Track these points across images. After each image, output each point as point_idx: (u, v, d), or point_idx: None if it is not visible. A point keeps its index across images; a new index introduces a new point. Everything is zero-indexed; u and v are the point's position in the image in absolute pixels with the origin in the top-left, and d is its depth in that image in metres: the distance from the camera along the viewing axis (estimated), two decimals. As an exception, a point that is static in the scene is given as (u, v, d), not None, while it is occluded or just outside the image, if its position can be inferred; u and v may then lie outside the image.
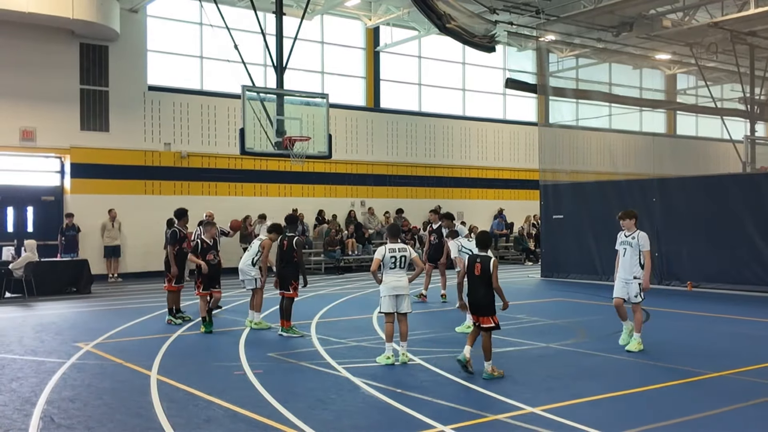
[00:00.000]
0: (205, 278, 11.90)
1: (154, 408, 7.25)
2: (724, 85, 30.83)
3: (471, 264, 8.53)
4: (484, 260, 8.47)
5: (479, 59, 28.06)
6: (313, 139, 16.00)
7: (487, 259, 8.47)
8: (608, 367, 9.09)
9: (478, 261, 8.50)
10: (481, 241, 8.78)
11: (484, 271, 8.41)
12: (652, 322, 12.84)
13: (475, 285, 8.51)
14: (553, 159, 22.17)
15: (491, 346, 8.48)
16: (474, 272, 8.48)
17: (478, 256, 8.56)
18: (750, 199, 17.12)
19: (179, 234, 13.24)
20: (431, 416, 6.79)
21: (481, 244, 8.75)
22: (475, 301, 8.52)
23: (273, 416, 6.89)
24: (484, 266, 8.43)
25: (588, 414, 6.92)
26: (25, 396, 7.79)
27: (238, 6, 22.65)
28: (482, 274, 8.41)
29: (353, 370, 8.84)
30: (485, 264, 8.43)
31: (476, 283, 8.49)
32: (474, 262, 8.52)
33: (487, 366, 8.35)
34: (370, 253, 24.69)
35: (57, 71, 20.49)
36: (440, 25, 18.04)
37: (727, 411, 7.10)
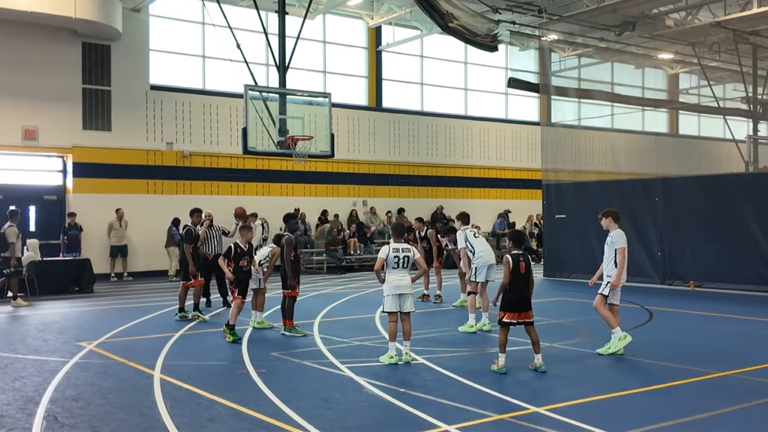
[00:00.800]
0: (240, 285, 11.30)
1: (157, 407, 7.24)
2: (726, 85, 30.79)
3: (516, 262, 8.65)
4: (525, 258, 8.75)
5: (481, 59, 28.05)
6: (315, 138, 16.02)
7: (527, 257, 8.79)
8: (612, 366, 9.06)
9: (521, 259, 8.69)
10: (518, 240, 9.08)
11: (527, 268, 8.68)
12: (655, 321, 12.83)
13: (522, 282, 8.67)
14: (555, 158, 22.14)
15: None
16: (519, 270, 8.64)
17: (521, 254, 8.77)
18: (754, 198, 17.09)
19: (194, 232, 13.21)
20: (435, 416, 6.77)
21: (518, 242, 9.04)
22: (522, 297, 8.68)
23: (276, 415, 6.88)
24: (527, 263, 8.71)
25: (593, 414, 6.90)
26: (28, 395, 7.79)
27: (240, 5, 22.67)
28: (527, 271, 8.67)
29: (357, 369, 8.82)
30: (527, 261, 8.74)
31: (522, 280, 8.67)
32: (518, 260, 8.67)
33: (539, 359, 8.61)
34: (372, 253, 24.69)
35: (59, 70, 20.51)
36: (443, 24, 18.03)
37: (733, 411, 7.08)
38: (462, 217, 12.76)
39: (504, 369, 8.51)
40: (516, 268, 8.64)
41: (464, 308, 14.24)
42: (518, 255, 8.74)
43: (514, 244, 9.07)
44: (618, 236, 9.77)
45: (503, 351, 8.62)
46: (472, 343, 10.86)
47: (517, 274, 8.64)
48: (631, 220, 19.23)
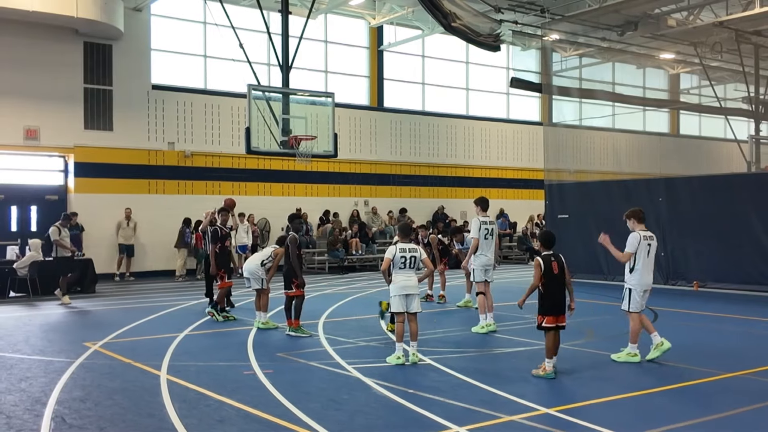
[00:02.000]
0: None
1: (165, 408, 7.20)
2: (727, 85, 30.78)
3: (548, 264, 8.33)
4: (558, 258, 8.40)
5: (483, 58, 28.03)
6: (318, 138, 15.96)
7: (560, 257, 8.44)
8: (620, 367, 9.03)
9: (553, 260, 8.37)
10: (548, 241, 8.65)
11: (561, 269, 8.35)
12: (660, 322, 12.78)
13: (556, 284, 8.38)
14: (558, 158, 22.12)
15: None
16: (552, 271, 8.32)
17: (553, 255, 8.42)
18: (757, 198, 17.07)
19: (221, 232, 13.18)
20: (445, 417, 6.74)
21: (548, 243, 8.62)
22: (559, 301, 8.38)
23: (286, 416, 6.84)
24: (560, 264, 8.37)
25: (603, 415, 6.88)
26: (35, 396, 7.75)
27: (242, 5, 22.65)
28: (560, 272, 8.35)
29: (364, 370, 8.79)
30: (560, 262, 8.39)
31: (556, 282, 8.37)
32: (550, 261, 8.35)
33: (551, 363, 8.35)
34: (374, 253, 24.67)
35: (61, 70, 20.46)
36: (446, 24, 17.99)
37: (746, 411, 7.05)
38: (481, 202, 12.08)
39: (552, 374, 8.23)
40: (548, 270, 8.33)
41: (468, 308, 14.25)
42: (549, 256, 8.41)
43: (544, 245, 8.66)
44: (629, 238, 9.29)
45: (550, 356, 8.33)
46: (479, 343, 10.83)
47: (550, 276, 8.32)
48: (634, 220, 19.26)
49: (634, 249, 9.16)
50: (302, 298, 11.45)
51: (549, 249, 8.60)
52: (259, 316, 12.22)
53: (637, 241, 9.16)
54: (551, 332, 8.40)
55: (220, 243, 13.10)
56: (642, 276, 9.21)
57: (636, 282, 9.20)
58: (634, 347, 9.15)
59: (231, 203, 13.91)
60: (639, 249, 9.17)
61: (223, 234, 13.28)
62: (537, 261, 8.45)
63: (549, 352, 8.36)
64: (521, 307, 8.62)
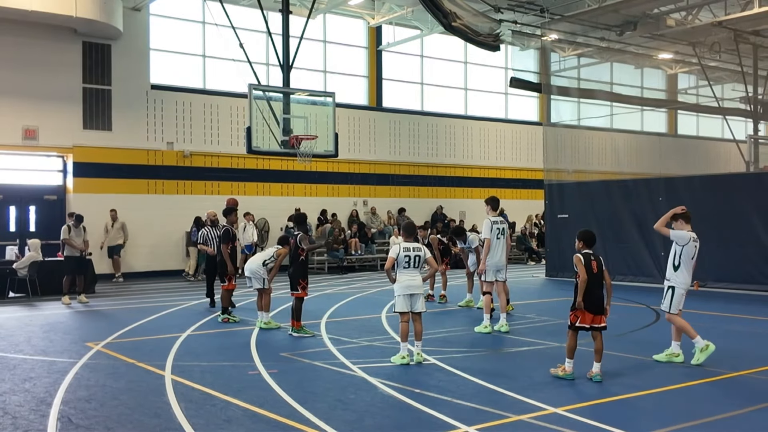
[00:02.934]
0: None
1: (171, 408, 7.16)
2: (725, 85, 30.85)
3: (588, 261, 8.18)
4: (597, 258, 8.26)
5: (481, 58, 28.05)
6: (319, 138, 15.94)
7: (599, 257, 8.29)
8: (625, 367, 9.02)
9: (593, 258, 8.21)
10: (590, 240, 8.43)
11: (600, 268, 8.21)
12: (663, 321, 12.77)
13: (595, 283, 8.20)
14: (557, 158, 22.14)
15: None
16: (592, 270, 8.14)
17: (592, 254, 8.28)
18: (757, 198, 17.10)
19: (231, 232, 13.15)
20: (454, 417, 6.72)
21: (590, 242, 8.41)
22: (596, 299, 8.20)
23: (293, 416, 6.82)
24: (599, 264, 8.23)
25: (612, 414, 6.87)
26: (39, 396, 7.71)
27: (241, 4, 22.62)
28: (599, 271, 8.20)
29: (368, 369, 8.77)
30: (599, 261, 8.25)
31: (595, 281, 8.19)
32: (590, 259, 8.19)
33: (598, 367, 8.17)
34: (373, 253, 24.67)
35: (59, 70, 20.41)
36: (446, 23, 18.00)
37: (752, 411, 7.05)
38: (492, 201, 12.01)
39: (572, 375, 8.14)
40: (588, 268, 8.17)
41: (470, 308, 14.24)
42: (589, 254, 8.26)
43: (585, 243, 8.40)
44: (677, 236, 9.07)
45: (571, 356, 8.22)
46: (483, 343, 10.81)
47: (589, 275, 8.14)
48: (634, 220, 19.31)
49: (684, 242, 9.01)
50: (301, 299, 11.42)
51: (589, 248, 8.38)
52: (261, 316, 12.18)
53: (687, 239, 9.02)
54: (576, 332, 8.26)
55: (231, 243, 13.10)
56: (686, 275, 9.05)
57: (682, 281, 9.04)
58: (700, 341, 8.96)
59: (234, 202, 13.92)
60: (687, 247, 9.01)
61: (233, 234, 13.26)
62: (577, 257, 8.25)
63: (570, 351, 8.24)
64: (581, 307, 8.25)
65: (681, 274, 9.07)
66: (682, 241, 9.06)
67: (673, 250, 9.15)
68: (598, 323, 8.21)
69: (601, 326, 8.23)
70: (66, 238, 15.98)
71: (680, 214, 9.24)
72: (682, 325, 9.05)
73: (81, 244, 16.16)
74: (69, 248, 16.05)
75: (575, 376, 8.19)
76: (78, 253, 16.09)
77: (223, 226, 13.35)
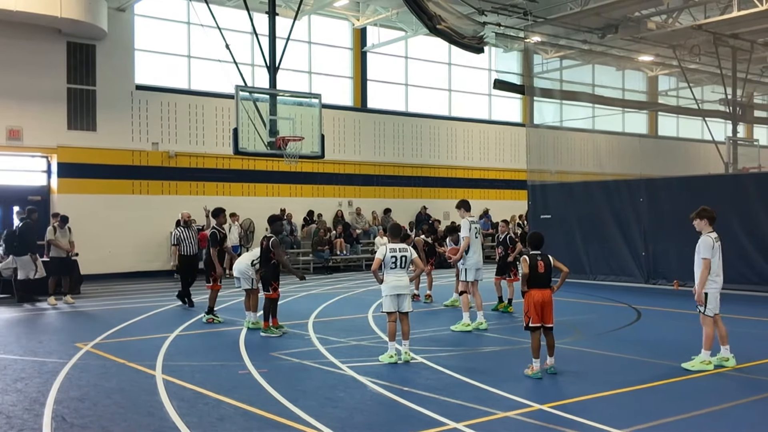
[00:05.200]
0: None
1: (164, 407, 7.27)
2: (704, 87, 31.28)
3: (533, 263, 8.48)
4: (545, 258, 8.54)
5: (465, 60, 28.25)
6: (305, 139, 16.04)
7: (547, 257, 8.57)
8: (610, 364, 9.23)
9: (540, 259, 8.51)
10: (537, 241, 8.75)
11: (547, 268, 8.48)
12: (644, 320, 13.06)
13: (542, 284, 8.51)
14: (540, 159, 22.38)
15: None
16: (537, 270, 8.45)
17: (540, 255, 8.57)
18: (736, 199, 17.37)
19: (219, 234, 13.26)
20: (442, 413, 6.88)
21: (534, 244, 8.72)
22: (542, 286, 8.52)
23: (285, 414, 6.95)
24: (546, 264, 8.50)
25: (597, 410, 7.05)
26: (32, 396, 7.79)
27: (226, 5, 22.66)
28: (546, 272, 8.48)
29: (357, 368, 8.91)
30: (547, 262, 8.52)
31: (542, 282, 8.50)
32: (536, 260, 8.49)
33: (552, 360, 8.52)
34: (358, 253, 24.80)
35: (44, 70, 20.36)
36: (431, 26, 18.16)
37: (733, 406, 7.26)
38: (464, 204, 12.34)
39: (538, 374, 8.33)
40: (534, 269, 8.47)
41: (455, 308, 14.40)
42: (536, 255, 8.57)
43: (531, 245, 8.75)
44: (702, 244, 8.96)
45: (536, 356, 8.44)
46: (468, 342, 10.99)
47: (535, 276, 8.47)
48: (615, 220, 19.58)
49: (711, 254, 8.94)
50: (273, 300, 11.53)
51: (536, 249, 8.71)
52: (249, 317, 12.29)
53: (711, 245, 8.96)
54: (537, 332, 8.54)
55: (219, 245, 13.20)
56: (717, 278, 9.03)
57: (715, 284, 9.00)
58: (708, 354, 8.85)
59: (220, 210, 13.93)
60: (714, 252, 8.99)
61: (221, 236, 13.36)
62: (524, 258, 8.64)
63: (535, 351, 8.47)
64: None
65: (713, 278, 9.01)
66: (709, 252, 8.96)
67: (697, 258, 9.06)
68: (546, 323, 8.52)
69: (548, 326, 8.56)
70: (52, 238, 15.99)
71: (706, 214, 9.15)
72: (713, 330, 8.95)
73: (67, 245, 16.17)
74: (55, 249, 16.05)
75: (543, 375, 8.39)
76: (64, 254, 16.10)
77: (212, 227, 13.42)
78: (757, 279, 16.94)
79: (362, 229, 25.57)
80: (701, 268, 8.92)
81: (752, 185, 17.58)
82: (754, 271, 17.06)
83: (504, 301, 14.11)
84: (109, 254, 21.06)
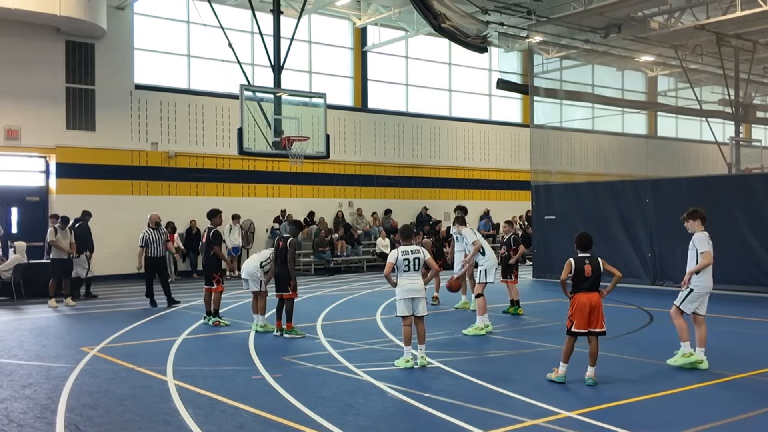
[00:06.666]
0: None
1: (180, 414, 7.05)
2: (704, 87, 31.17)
3: (580, 266, 8.12)
4: (593, 261, 8.17)
5: (465, 60, 28.10)
6: (310, 139, 15.82)
7: (596, 260, 8.20)
8: (634, 369, 9.03)
9: (587, 262, 8.14)
10: (585, 243, 8.34)
11: (595, 272, 8.12)
12: (657, 323, 12.89)
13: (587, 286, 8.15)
14: (544, 160, 22.22)
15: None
16: (584, 274, 8.10)
17: (588, 258, 8.19)
18: (743, 199, 17.27)
19: (219, 234, 13.08)
20: (467, 421, 6.68)
21: (582, 246, 8.31)
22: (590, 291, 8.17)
23: (306, 422, 6.74)
24: (594, 267, 8.13)
25: (630, 417, 6.85)
26: (42, 403, 7.55)
27: (227, 4, 22.42)
28: (593, 276, 8.11)
29: (373, 373, 8.70)
30: (596, 265, 8.15)
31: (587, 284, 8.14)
32: (583, 263, 8.15)
33: (592, 371, 8.13)
34: (359, 254, 24.60)
35: (42, 69, 20.09)
36: (436, 25, 17.97)
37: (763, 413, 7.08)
38: (460, 220, 12.52)
39: (562, 378, 8.11)
40: (580, 273, 8.13)
41: (466, 310, 14.21)
42: (583, 258, 8.20)
43: (578, 247, 8.33)
44: (697, 239, 8.89)
45: (566, 360, 8.19)
46: (483, 345, 10.80)
47: (581, 280, 8.13)
48: (621, 221, 19.44)
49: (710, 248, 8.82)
50: (292, 300, 11.42)
51: (585, 251, 8.30)
52: (257, 319, 12.10)
53: (706, 240, 8.85)
54: (575, 338, 8.23)
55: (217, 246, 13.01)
56: (707, 278, 8.90)
57: (703, 284, 8.88)
58: (687, 344, 8.85)
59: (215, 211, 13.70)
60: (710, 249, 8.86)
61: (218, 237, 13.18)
62: (568, 261, 8.20)
63: (566, 355, 8.20)
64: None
65: (703, 277, 8.89)
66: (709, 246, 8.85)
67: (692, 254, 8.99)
68: (594, 327, 8.14)
69: (597, 331, 8.16)
70: (53, 240, 15.72)
71: (699, 215, 9.06)
72: (679, 325, 8.93)
73: (67, 247, 15.90)
74: (56, 250, 15.78)
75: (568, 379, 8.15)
76: (65, 256, 15.84)
77: (208, 228, 13.21)
78: (766, 280, 16.82)
79: (363, 230, 25.35)
80: (702, 260, 8.75)
81: (760, 185, 17.45)
82: (762, 271, 16.94)
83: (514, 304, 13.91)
84: (108, 255, 20.77)
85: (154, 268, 15.27)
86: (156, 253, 15.12)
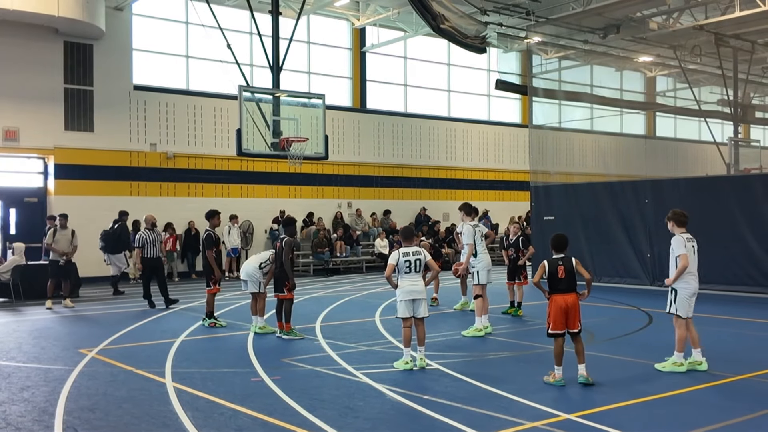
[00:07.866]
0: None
1: (179, 417, 7.03)
2: (702, 88, 31.16)
3: (553, 267, 8.15)
4: (566, 262, 8.18)
5: (464, 60, 28.09)
6: (309, 139, 15.81)
7: (569, 261, 8.22)
8: (633, 370, 9.01)
9: (560, 264, 8.15)
10: (560, 244, 8.38)
11: (569, 273, 8.13)
12: (657, 324, 12.88)
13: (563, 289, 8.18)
14: (543, 160, 22.19)
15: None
16: (557, 276, 8.13)
17: (561, 259, 8.21)
18: (742, 200, 17.24)
19: (214, 236, 13.02)
20: (468, 424, 6.66)
21: (558, 247, 8.35)
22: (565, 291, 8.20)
23: (305, 425, 6.72)
24: (568, 268, 8.14)
25: (630, 420, 6.83)
26: (40, 406, 7.53)
27: (225, 5, 22.40)
28: (567, 277, 8.13)
29: (372, 375, 8.68)
30: (569, 266, 8.17)
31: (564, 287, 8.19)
32: (556, 265, 8.15)
33: (583, 369, 8.13)
34: (358, 255, 24.58)
35: (41, 70, 20.07)
36: (435, 25, 17.92)
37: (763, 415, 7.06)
38: (466, 207, 12.05)
39: (561, 382, 8.07)
40: (553, 274, 8.18)
41: (465, 311, 14.19)
42: (557, 260, 8.25)
43: (553, 248, 8.39)
44: (674, 242, 9.00)
45: (559, 363, 8.17)
46: (482, 347, 10.78)
47: (556, 281, 8.18)
48: (620, 222, 19.42)
49: (686, 251, 8.87)
50: (291, 301, 11.40)
51: (559, 252, 8.37)
52: (255, 321, 12.07)
53: (683, 243, 8.90)
54: (560, 339, 8.26)
55: (216, 247, 12.98)
56: (691, 278, 8.95)
57: (688, 285, 8.92)
58: (680, 356, 8.81)
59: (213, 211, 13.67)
60: (687, 250, 8.91)
61: (216, 238, 13.14)
62: (542, 264, 8.30)
63: (557, 358, 8.19)
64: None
65: (685, 278, 8.95)
66: (684, 249, 8.93)
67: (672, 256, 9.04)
68: (571, 328, 8.18)
69: (574, 331, 8.20)
70: (51, 242, 15.66)
71: (673, 216, 9.18)
72: (686, 332, 8.88)
73: (62, 249, 15.74)
74: (53, 253, 15.74)
75: (567, 382, 8.11)
76: (60, 261, 15.74)
77: (206, 230, 13.18)
78: (764, 280, 16.80)
79: (362, 231, 25.33)
80: (679, 264, 8.87)
81: (759, 186, 17.43)
82: (761, 272, 16.92)
83: (515, 305, 13.88)
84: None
85: (150, 269, 15.27)
86: (152, 254, 15.16)
